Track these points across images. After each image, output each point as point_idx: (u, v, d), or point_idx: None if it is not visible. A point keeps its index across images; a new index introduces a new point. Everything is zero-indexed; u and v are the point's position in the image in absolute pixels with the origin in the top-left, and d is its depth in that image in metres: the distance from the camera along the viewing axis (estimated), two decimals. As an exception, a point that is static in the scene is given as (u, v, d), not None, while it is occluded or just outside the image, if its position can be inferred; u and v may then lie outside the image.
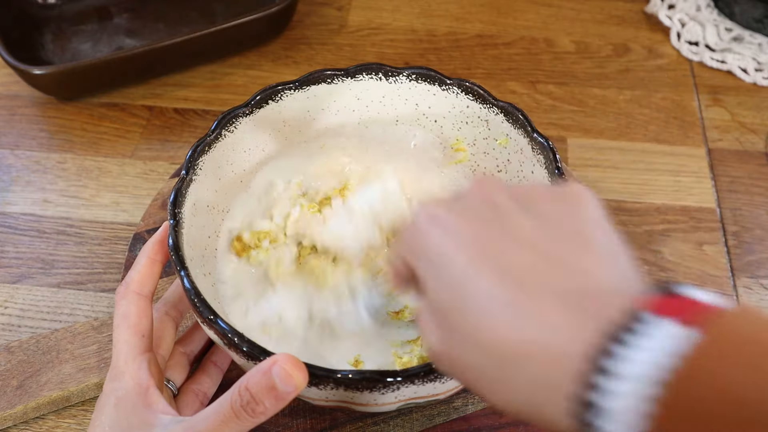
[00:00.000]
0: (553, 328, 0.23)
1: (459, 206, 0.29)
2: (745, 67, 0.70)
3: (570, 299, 0.24)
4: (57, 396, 0.45)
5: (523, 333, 0.24)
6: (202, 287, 0.40)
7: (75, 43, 0.71)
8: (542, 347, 0.23)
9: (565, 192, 0.29)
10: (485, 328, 0.25)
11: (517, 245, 0.26)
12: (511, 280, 0.25)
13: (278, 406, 0.33)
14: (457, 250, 0.27)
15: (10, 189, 0.60)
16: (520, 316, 0.24)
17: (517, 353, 0.24)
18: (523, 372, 0.24)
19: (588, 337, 0.22)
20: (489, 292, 0.25)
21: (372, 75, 0.50)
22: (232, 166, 0.48)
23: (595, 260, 0.25)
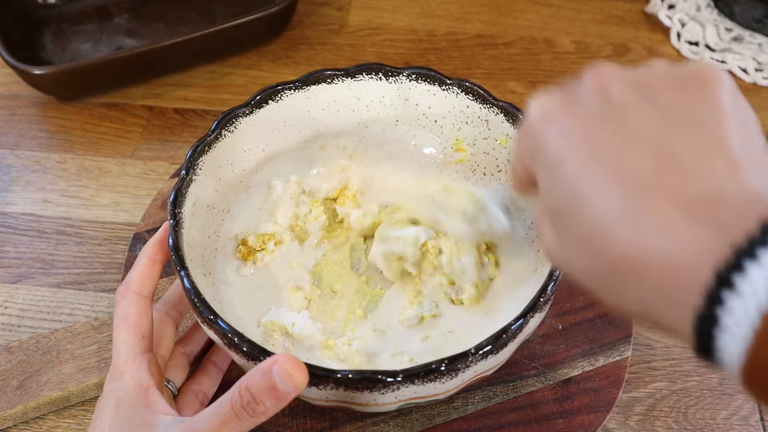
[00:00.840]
0: (677, 239, 0.22)
1: (572, 101, 0.27)
2: (745, 67, 0.70)
3: (697, 208, 0.22)
4: (57, 396, 0.45)
5: (644, 243, 0.22)
6: (202, 287, 0.40)
7: (75, 43, 0.71)
8: (665, 258, 0.22)
9: (691, 74, 0.26)
10: (602, 236, 0.23)
11: (636, 144, 0.24)
12: (629, 185, 0.23)
13: (278, 406, 0.34)
14: (570, 150, 0.25)
15: (10, 189, 0.60)
16: (640, 224, 0.22)
17: (636, 263, 0.22)
18: (642, 282, 0.23)
19: (717, 250, 0.21)
20: (605, 198, 0.23)
21: (372, 75, 0.50)
22: (232, 166, 0.48)
23: (726, 160, 0.23)
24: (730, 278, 0.20)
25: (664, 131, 0.24)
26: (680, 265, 0.22)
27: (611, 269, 0.23)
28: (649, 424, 0.46)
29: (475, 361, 0.37)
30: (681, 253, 0.22)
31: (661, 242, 0.22)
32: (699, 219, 0.22)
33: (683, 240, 0.22)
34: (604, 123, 0.25)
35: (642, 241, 0.22)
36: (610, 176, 0.24)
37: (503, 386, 0.46)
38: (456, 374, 0.37)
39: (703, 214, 0.22)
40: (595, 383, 0.46)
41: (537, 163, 0.27)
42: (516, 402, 0.45)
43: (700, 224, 0.22)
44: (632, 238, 0.23)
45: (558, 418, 0.44)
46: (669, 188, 0.23)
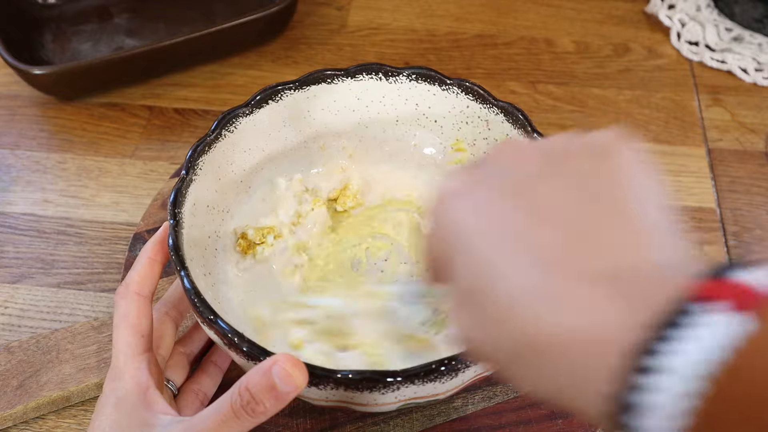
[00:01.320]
0: (589, 318, 0.21)
1: (482, 176, 0.26)
2: (745, 67, 0.70)
3: (608, 284, 0.21)
4: (57, 396, 0.45)
5: (557, 322, 0.21)
6: (202, 287, 0.40)
7: (75, 43, 0.71)
8: (578, 338, 0.21)
9: (596, 145, 0.26)
10: (515, 316, 0.23)
11: (546, 220, 0.23)
12: (541, 262, 0.22)
13: (278, 406, 0.33)
14: (480, 228, 0.24)
15: (10, 189, 0.60)
16: (553, 303, 0.22)
17: (550, 343, 0.22)
18: (557, 363, 0.22)
19: (629, 330, 0.20)
20: (517, 276, 0.23)
21: (372, 75, 0.50)
22: (232, 166, 0.48)
23: (635, 235, 0.23)
24: (647, 351, 0.19)
25: (574, 205, 0.24)
26: (592, 341, 0.21)
27: (526, 351, 0.23)
28: (649, 424, 0.46)
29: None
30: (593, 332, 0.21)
31: (574, 320, 0.21)
32: (610, 296, 0.21)
33: (596, 317, 0.21)
34: (513, 198, 0.25)
35: (555, 320, 0.22)
36: (519, 251, 0.23)
37: (503, 386, 0.46)
38: (456, 374, 0.37)
39: (615, 291, 0.21)
40: (595, 383, 0.46)
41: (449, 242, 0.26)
42: (516, 402, 0.45)
43: (611, 301, 0.21)
44: (545, 316, 0.22)
45: (558, 418, 0.44)
46: (577, 264, 0.22)
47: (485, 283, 0.24)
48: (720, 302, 0.19)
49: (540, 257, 0.23)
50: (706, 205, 0.59)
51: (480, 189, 0.26)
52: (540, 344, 0.22)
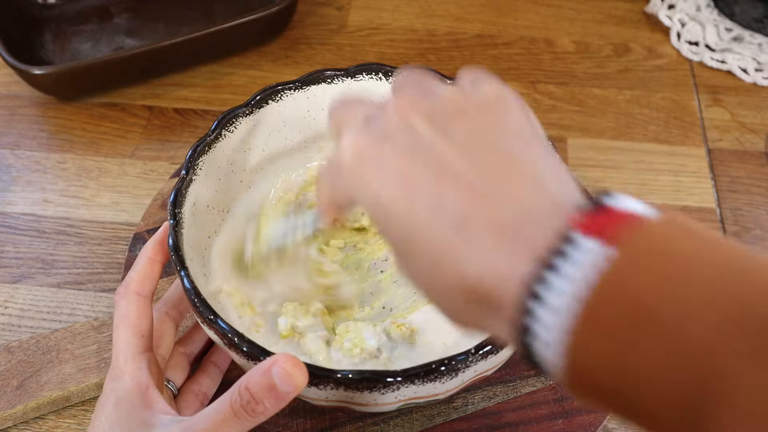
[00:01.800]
0: (490, 263, 0.24)
1: (380, 134, 0.28)
2: (745, 67, 0.70)
3: (502, 231, 0.24)
4: (57, 396, 0.45)
5: (465, 270, 0.25)
6: (202, 287, 0.40)
7: (75, 43, 0.71)
8: (484, 281, 0.24)
9: (484, 99, 0.28)
10: (429, 267, 0.26)
11: (443, 180, 0.26)
12: (443, 220, 0.25)
13: (278, 406, 0.34)
14: (390, 191, 0.27)
15: (10, 189, 0.60)
16: (458, 255, 0.25)
17: (463, 287, 0.25)
18: (471, 302, 0.25)
19: (523, 267, 0.23)
20: (426, 235, 0.26)
21: (372, 75, 0.50)
22: (232, 166, 0.48)
23: (524, 182, 0.25)
24: (536, 291, 0.23)
25: (467, 163, 0.26)
26: (497, 285, 0.24)
27: (446, 293, 0.26)
28: (649, 424, 0.46)
29: (475, 361, 0.37)
30: (496, 275, 0.24)
31: (479, 268, 0.24)
32: (509, 241, 0.24)
33: (495, 262, 0.24)
34: (415, 158, 0.27)
35: (463, 269, 0.25)
36: (430, 212, 0.26)
37: (503, 386, 0.46)
38: (456, 374, 0.37)
39: (512, 236, 0.24)
40: (595, 383, 0.46)
41: (361, 203, 0.29)
42: (516, 402, 0.45)
43: (509, 246, 0.24)
44: (454, 267, 0.25)
45: (558, 418, 0.44)
46: (481, 217, 0.25)
47: (405, 242, 0.27)
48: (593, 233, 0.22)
49: (442, 217, 0.25)
50: (706, 205, 0.59)
51: (381, 148, 0.28)
52: (456, 290, 0.25)
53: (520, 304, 0.23)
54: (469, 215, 0.25)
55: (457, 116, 0.27)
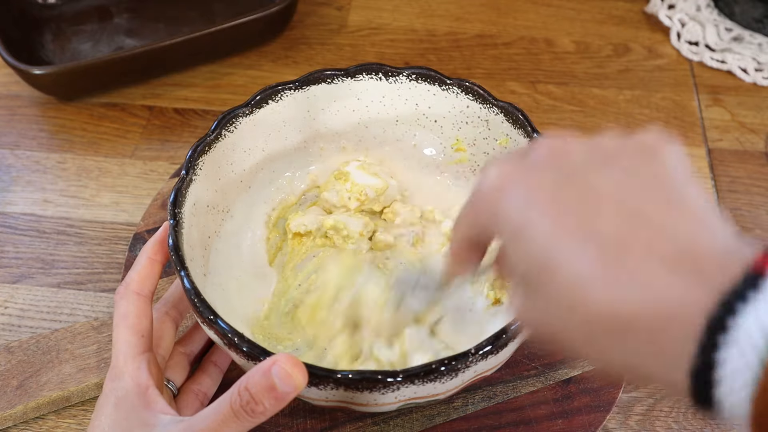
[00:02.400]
0: (662, 291, 0.22)
1: (530, 167, 0.27)
2: (745, 67, 0.70)
3: (676, 262, 0.22)
4: (57, 396, 0.45)
5: (626, 298, 0.22)
6: (202, 287, 0.40)
7: (75, 43, 0.71)
8: (650, 311, 0.22)
9: (642, 143, 0.27)
10: (579, 296, 0.23)
11: (600, 206, 0.24)
12: (601, 244, 0.23)
13: (278, 407, 0.33)
14: (536, 213, 0.25)
15: (10, 189, 0.60)
16: (619, 281, 0.23)
17: (619, 319, 0.23)
18: (628, 338, 0.23)
19: (705, 299, 0.21)
20: (578, 258, 0.24)
21: (372, 75, 0.50)
22: (232, 166, 0.48)
23: (693, 219, 0.24)
24: (724, 322, 0.20)
25: (627, 193, 0.24)
26: (668, 316, 0.22)
27: (592, 328, 0.24)
28: (649, 424, 0.46)
29: (475, 361, 0.37)
30: (667, 304, 0.22)
31: (644, 295, 0.22)
32: (680, 271, 0.22)
33: (668, 292, 0.22)
34: (567, 185, 0.25)
35: (624, 297, 0.22)
36: (581, 237, 0.24)
37: (503, 386, 0.46)
38: (456, 374, 0.37)
39: (684, 267, 0.22)
40: (595, 383, 0.46)
41: (498, 230, 0.27)
42: (516, 402, 0.45)
43: (682, 276, 0.22)
44: (612, 294, 0.23)
45: (558, 418, 0.44)
46: (643, 245, 0.23)
47: (544, 267, 0.24)
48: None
49: (601, 241, 0.23)
50: (706, 205, 0.59)
51: (531, 176, 0.26)
52: (608, 323, 0.23)
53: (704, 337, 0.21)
54: (630, 242, 0.23)
55: (614, 153, 0.26)
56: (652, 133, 0.27)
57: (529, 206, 0.25)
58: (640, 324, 0.22)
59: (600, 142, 0.27)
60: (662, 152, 0.26)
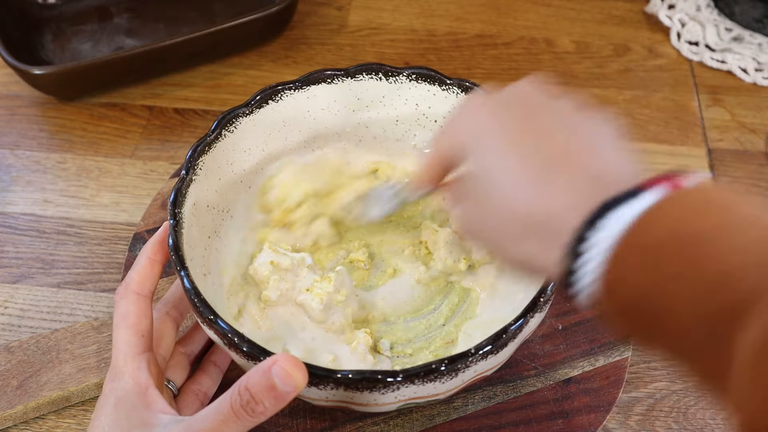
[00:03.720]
0: (562, 202, 0.29)
1: (500, 100, 0.34)
2: (745, 67, 0.70)
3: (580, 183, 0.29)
4: (57, 396, 0.45)
5: (539, 205, 0.30)
6: (202, 287, 0.40)
7: (75, 43, 0.71)
8: (551, 215, 0.29)
9: (592, 115, 0.33)
10: (510, 199, 0.31)
11: (543, 138, 0.31)
12: (534, 165, 0.31)
13: (278, 406, 0.33)
14: (498, 131, 0.33)
15: (10, 189, 0.60)
16: (539, 192, 0.30)
17: (531, 218, 0.30)
18: (532, 232, 0.30)
19: (586, 208, 0.28)
20: (516, 172, 0.31)
21: (372, 75, 0.50)
22: (232, 166, 0.48)
23: (615, 155, 0.31)
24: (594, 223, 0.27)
25: (565, 136, 0.32)
26: (561, 218, 0.29)
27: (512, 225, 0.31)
28: (649, 424, 0.46)
29: (475, 361, 0.37)
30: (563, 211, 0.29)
31: (551, 203, 0.30)
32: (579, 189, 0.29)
33: (566, 202, 0.29)
34: (524, 120, 0.33)
35: (538, 203, 0.30)
36: (523, 157, 0.31)
37: (503, 386, 0.46)
38: (456, 374, 0.37)
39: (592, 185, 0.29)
40: (595, 383, 0.46)
41: (467, 141, 0.34)
42: (516, 402, 0.45)
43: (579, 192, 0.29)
44: (532, 197, 0.30)
45: (558, 418, 0.44)
46: (563, 169, 0.30)
47: (491, 174, 0.32)
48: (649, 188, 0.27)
49: (534, 162, 0.31)
50: (706, 205, 0.59)
51: (502, 105, 0.34)
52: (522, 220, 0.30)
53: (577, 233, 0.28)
54: (559, 165, 0.30)
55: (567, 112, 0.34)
56: (601, 113, 0.33)
57: (491, 125, 0.33)
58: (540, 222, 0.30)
59: (560, 102, 0.34)
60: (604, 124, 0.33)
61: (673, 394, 0.48)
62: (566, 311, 0.49)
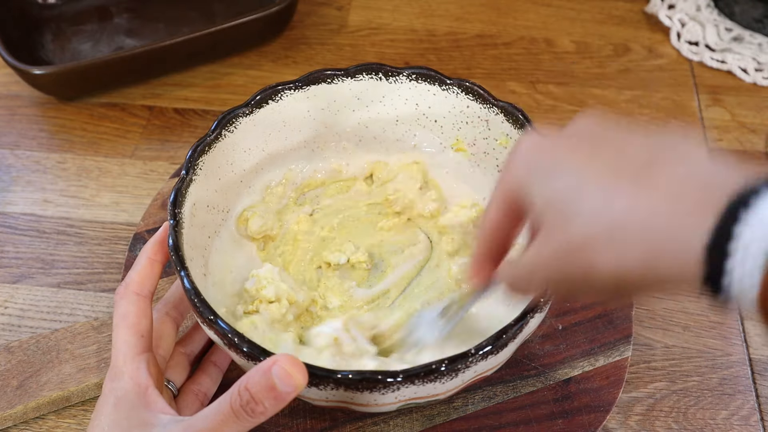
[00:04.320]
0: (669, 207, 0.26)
1: (562, 134, 0.31)
2: (745, 67, 0.70)
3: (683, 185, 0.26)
4: (57, 396, 0.45)
5: (643, 209, 0.26)
6: (202, 287, 0.40)
7: (75, 43, 0.71)
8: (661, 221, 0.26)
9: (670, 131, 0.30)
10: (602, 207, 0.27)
11: (623, 150, 0.28)
12: (621, 173, 0.27)
13: (278, 407, 0.33)
14: (565, 157, 0.29)
15: (10, 189, 0.60)
16: (635, 197, 0.27)
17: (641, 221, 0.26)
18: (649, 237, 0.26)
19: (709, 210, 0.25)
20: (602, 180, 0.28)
21: (372, 75, 0.50)
22: (232, 166, 0.48)
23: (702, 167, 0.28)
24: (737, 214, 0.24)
25: (647, 152, 0.28)
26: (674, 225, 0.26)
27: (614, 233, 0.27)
28: (649, 424, 0.46)
29: (475, 361, 0.37)
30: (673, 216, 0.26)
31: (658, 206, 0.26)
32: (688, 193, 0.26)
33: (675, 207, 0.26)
34: (600, 143, 0.30)
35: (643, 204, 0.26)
36: (611, 165, 0.28)
37: (503, 386, 0.46)
38: (456, 374, 0.37)
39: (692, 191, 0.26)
40: (595, 383, 0.46)
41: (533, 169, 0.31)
42: (516, 402, 0.45)
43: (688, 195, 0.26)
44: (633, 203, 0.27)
45: (558, 418, 0.44)
46: (661, 175, 0.27)
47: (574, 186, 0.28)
48: None
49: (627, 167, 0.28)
50: (706, 205, 0.59)
51: (568, 140, 0.31)
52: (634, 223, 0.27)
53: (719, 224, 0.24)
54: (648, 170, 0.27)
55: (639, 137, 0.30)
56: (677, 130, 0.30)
57: (557, 155, 0.30)
58: (650, 227, 0.26)
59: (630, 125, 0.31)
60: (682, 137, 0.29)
61: (673, 394, 0.48)
62: (566, 311, 0.49)
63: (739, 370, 0.49)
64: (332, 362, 0.41)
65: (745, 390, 0.48)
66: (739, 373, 0.49)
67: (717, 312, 0.52)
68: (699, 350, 0.50)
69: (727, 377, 0.48)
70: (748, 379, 0.48)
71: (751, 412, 0.47)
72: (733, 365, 0.49)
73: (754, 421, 0.46)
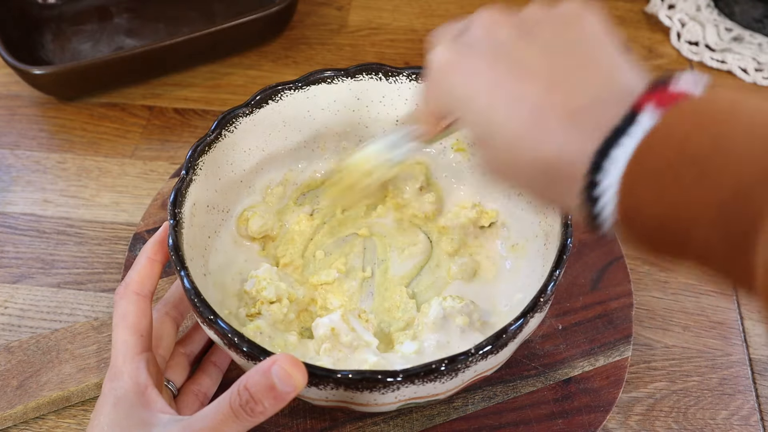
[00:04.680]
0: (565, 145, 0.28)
1: (467, 47, 0.32)
2: (745, 67, 0.70)
3: (575, 118, 0.28)
4: (57, 396, 0.45)
5: (542, 153, 0.29)
6: (202, 287, 0.40)
7: (75, 43, 0.71)
8: (559, 157, 0.28)
9: (564, 13, 0.32)
10: (515, 152, 0.30)
11: (525, 77, 0.30)
12: (524, 109, 0.29)
13: (277, 406, 0.33)
14: (476, 88, 0.31)
15: (10, 189, 0.60)
16: (536, 138, 0.29)
17: (539, 165, 0.29)
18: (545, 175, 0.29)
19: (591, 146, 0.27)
20: (510, 121, 0.30)
21: (372, 75, 0.50)
22: (232, 166, 0.48)
23: (598, 76, 0.29)
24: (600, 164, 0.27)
25: (547, 63, 0.30)
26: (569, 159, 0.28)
27: (527, 172, 0.30)
28: (649, 424, 0.46)
29: (475, 361, 0.37)
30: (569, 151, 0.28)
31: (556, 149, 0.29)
32: (581, 126, 0.28)
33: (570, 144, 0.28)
34: (499, 63, 0.31)
35: (543, 148, 0.29)
36: (511, 104, 0.30)
37: (503, 386, 0.46)
38: (456, 374, 0.37)
39: (584, 119, 0.28)
40: (595, 383, 0.46)
41: (452, 104, 0.33)
42: (516, 402, 0.45)
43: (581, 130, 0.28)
44: (536, 147, 0.29)
45: (558, 418, 0.44)
46: (557, 105, 0.29)
47: (488, 130, 0.31)
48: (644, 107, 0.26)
49: (526, 105, 0.29)
50: (706, 205, 0.59)
51: (468, 57, 0.32)
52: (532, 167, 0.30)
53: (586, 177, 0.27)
54: (547, 106, 0.29)
55: (537, 25, 0.31)
56: (572, 4, 0.32)
57: (470, 81, 0.31)
58: (555, 171, 0.29)
59: (526, 15, 0.32)
60: (582, 20, 0.31)
61: (673, 394, 0.48)
62: (566, 311, 0.49)
63: (739, 370, 0.49)
64: (331, 356, 0.41)
65: (745, 390, 0.48)
66: (739, 373, 0.49)
67: (715, 311, 0.52)
68: (699, 350, 0.50)
69: (727, 377, 0.48)
70: (748, 379, 0.48)
71: (751, 412, 0.47)
72: (733, 365, 0.49)
73: (754, 421, 0.46)
